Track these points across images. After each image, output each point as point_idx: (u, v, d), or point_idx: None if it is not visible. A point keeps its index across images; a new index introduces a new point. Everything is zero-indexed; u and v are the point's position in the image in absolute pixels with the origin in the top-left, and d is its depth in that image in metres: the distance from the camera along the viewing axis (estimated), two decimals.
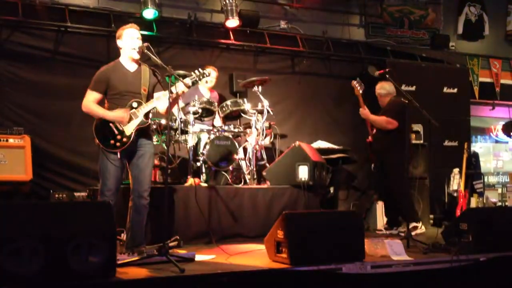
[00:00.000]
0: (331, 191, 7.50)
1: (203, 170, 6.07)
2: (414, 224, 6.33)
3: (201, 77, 4.75)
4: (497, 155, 10.79)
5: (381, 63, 8.53)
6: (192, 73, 4.74)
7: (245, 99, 6.63)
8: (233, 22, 7.89)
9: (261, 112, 6.54)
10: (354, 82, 6.28)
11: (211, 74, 6.92)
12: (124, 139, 4.47)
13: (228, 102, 6.53)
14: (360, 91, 6.28)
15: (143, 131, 4.61)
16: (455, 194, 7.65)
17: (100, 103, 4.59)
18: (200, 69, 4.76)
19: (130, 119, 4.50)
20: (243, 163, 6.43)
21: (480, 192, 8.19)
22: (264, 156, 6.76)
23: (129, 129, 4.50)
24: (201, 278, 3.66)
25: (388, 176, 6.36)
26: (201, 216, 5.51)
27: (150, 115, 4.75)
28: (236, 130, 6.40)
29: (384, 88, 6.55)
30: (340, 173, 7.76)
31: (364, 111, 6.46)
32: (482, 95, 9.92)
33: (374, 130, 6.59)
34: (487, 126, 10.63)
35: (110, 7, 7.47)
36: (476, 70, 9.92)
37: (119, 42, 4.65)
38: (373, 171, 6.91)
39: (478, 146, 10.36)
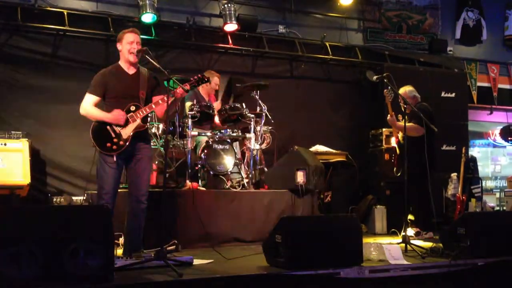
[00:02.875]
0: (329, 195, 7.50)
1: (201, 174, 6.08)
2: (418, 229, 6.34)
3: (200, 82, 4.76)
4: (495, 159, 10.81)
5: (379, 67, 8.55)
6: (191, 78, 4.75)
7: (243, 103, 6.63)
8: (231, 26, 7.91)
9: (259, 116, 6.55)
10: (386, 91, 6.23)
11: (215, 80, 6.92)
12: (121, 142, 4.47)
13: (227, 106, 6.53)
14: (390, 100, 6.26)
15: (141, 135, 4.61)
16: (453, 199, 7.65)
17: (98, 106, 4.60)
18: (199, 74, 4.77)
19: (128, 122, 4.51)
20: (241, 167, 6.43)
21: (478, 196, 8.19)
22: (263, 160, 6.77)
23: (127, 132, 4.50)
24: (199, 282, 3.66)
25: (413, 181, 6.20)
26: (199, 220, 5.51)
27: (148, 119, 4.75)
28: (234, 134, 6.41)
29: (412, 92, 6.58)
30: (338, 177, 7.77)
31: (391, 118, 6.41)
32: (480, 100, 9.95)
33: (399, 136, 6.56)
34: (485, 130, 10.64)
35: (108, 11, 7.48)
36: (474, 74, 9.95)
37: (118, 45, 4.66)
38: (395, 175, 6.86)
39: (476, 150, 10.37)
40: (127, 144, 4.49)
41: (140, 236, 4.61)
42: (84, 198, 6.19)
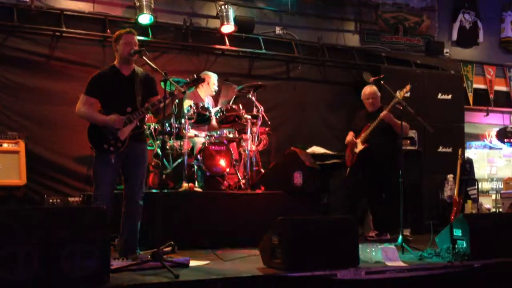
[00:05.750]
0: (326, 197, 7.49)
1: (198, 175, 6.07)
2: (409, 230, 6.36)
3: (196, 82, 4.76)
4: (491, 161, 10.80)
5: (376, 69, 8.55)
6: (187, 78, 4.75)
7: (240, 105, 6.63)
8: (228, 28, 7.91)
9: (256, 117, 6.55)
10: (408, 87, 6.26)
11: (213, 80, 6.91)
12: (118, 144, 4.47)
13: (223, 108, 6.53)
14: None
15: (137, 136, 4.61)
16: (449, 200, 7.66)
17: (95, 107, 4.59)
18: (195, 75, 4.77)
19: (125, 123, 4.49)
20: (238, 169, 6.42)
21: (474, 198, 8.20)
22: (259, 162, 6.77)
23: (124, 133, 4.49)
24: (196, 284, 3.65)
25: (391, 181, 6.13)
26: (196, 222, 5.50)
27: (145, 120, 4.75)
28: (231, 135, 6.41)
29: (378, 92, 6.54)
30: (334, 179, 7.76)
31: (390, 114, 6.31)
32: (476, 102, 9.97)
33: (365, 135, 6.45)
34: (481, 132, 10.64)
35: (105, 12, 7.46)
36: (470, 76, 9.97)
37: (115, 46, 4.66)
38: (348, 177, 6.77)
39: (472, 152, 10.37)
40: (124, 145, 4.48)
41: (136, 237, 4.61)
42: (81, 199, 6.19)
